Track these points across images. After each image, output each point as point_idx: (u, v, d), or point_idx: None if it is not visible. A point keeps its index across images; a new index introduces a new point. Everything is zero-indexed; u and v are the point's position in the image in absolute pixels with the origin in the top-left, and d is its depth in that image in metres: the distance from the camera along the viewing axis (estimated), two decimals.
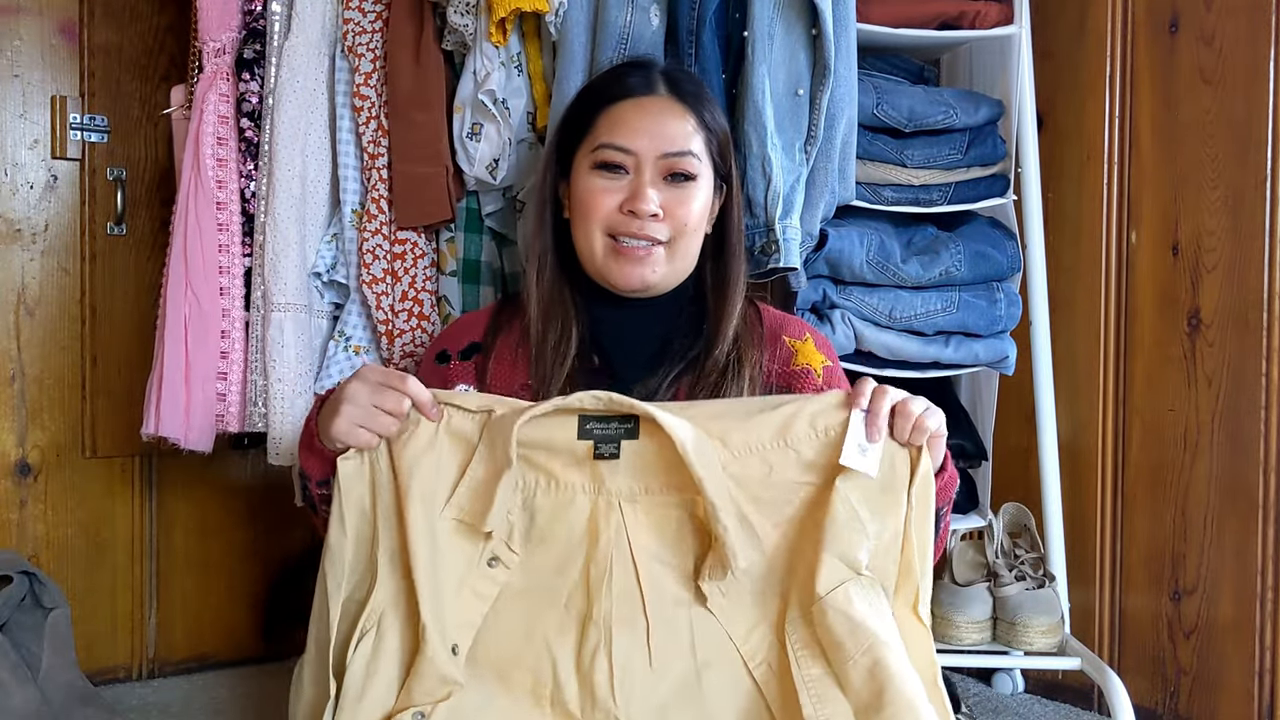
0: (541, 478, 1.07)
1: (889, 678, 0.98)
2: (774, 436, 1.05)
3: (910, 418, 1.04)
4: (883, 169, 1.63)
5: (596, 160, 1.23)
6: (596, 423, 1.06)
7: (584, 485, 1.07)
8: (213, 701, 1.84)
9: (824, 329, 1.57)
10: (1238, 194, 1.66)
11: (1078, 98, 1.88)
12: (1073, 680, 1.85)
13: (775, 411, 1.06)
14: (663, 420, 1.02)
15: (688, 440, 1.02)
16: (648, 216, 1.21)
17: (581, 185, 1.24)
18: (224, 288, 1.56)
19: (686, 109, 1.24)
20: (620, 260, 1.23)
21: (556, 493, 1.07)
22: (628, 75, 1.27)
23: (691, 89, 1.27)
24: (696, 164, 1.23)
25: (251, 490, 2.02)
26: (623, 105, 1.24)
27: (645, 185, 1.21)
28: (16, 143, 1.81)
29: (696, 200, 1.24)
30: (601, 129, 1.24)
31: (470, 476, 1.05)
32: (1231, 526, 1.66)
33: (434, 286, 1.57)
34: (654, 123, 1.22)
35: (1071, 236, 1.89)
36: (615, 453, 1.06)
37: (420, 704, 1.01)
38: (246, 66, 1.58)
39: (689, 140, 1.23)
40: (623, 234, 1.22)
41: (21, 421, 1.82)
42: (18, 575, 1.64)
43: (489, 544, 1.06)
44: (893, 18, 1.67)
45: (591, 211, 1.23)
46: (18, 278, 1.82)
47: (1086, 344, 1.86)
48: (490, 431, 1.06)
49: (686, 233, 1.24)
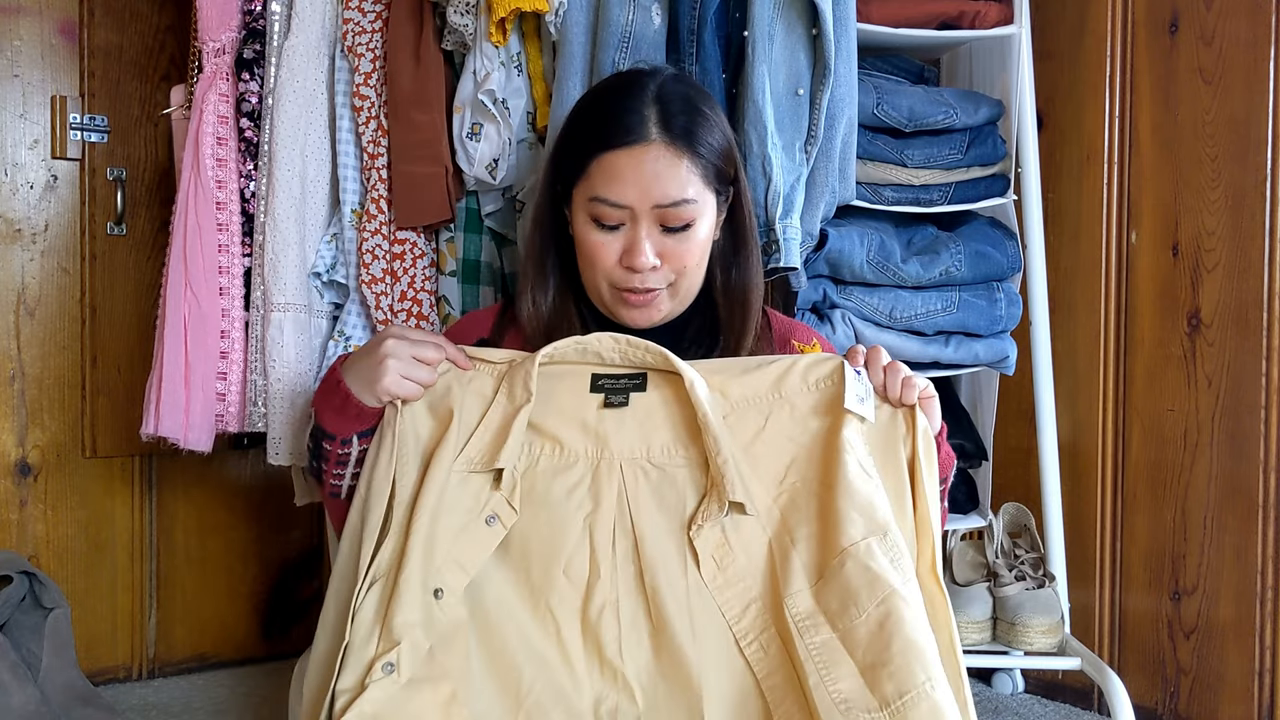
0: (548, 444, 1.10)
1: (899, 628, 0.96)
2: (770, 389, 1.10)
3: (899, 373, 1.10)
4: (883, 169, 1.63)
5: (592, 213, 1.21)
6: (608, 379, 1.12)
7: (586, 449, 1.09)
8: (213, 701, 1.84)
9: (824, 329, 1.57)
10: (1238, 194, 1.66)
11: (1078, 98, 1.88)
12: (1073, 680, 1.85)
13: (770, 367, 1.12)
14: (675, 362, 1.08)
15: (696, 380, 1.07)
16: (646, 270, 1.20)
17: (581, 231, 1.23)
18: (224, 288, 1.56)
19: (680, 150, 1.19)
20: (626, 306, 1.24)
21: (560, 457, 1.09)
22: (622, 113, 1.20)
23: (685, 120, 1.20)
24: (693, 209, 1.20)
25: (251, 490, 2.03)
26: (616, 156, 1.19)
27: (641, 240, 1.19)
28: (16, 143, 1.81)
29: (696, 241, 1.22)
30: (596, 179, 1.20)
31: (485, 425, 1.09)
32: (1231, 526, 1.67)
33: (433, 286, 1.57)
34: (647, 176, 1.18)
35: (1071, 236, 1.89)
36: (625, 401, 1.11)
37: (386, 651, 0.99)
38: (246, 66, 1.58)
39: (684, 189, 1.19)
40: (624, 287, 1.22)
41: (21, 421, 1.82)
42: (18, 575, 1.64)
43: (491, 498, 1.07)
44: (893, 18, 1.67)
45: (593, 264, 1.23)
46: (18, 278, 1.82)
47: (1086, 344, 1.86)
48: (511, 374, 1.11)
49: (687, 272, 1.23)
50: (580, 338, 1.11)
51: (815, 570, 1.03)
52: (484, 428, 1.09)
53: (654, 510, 1.07)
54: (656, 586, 1.04)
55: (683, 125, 1.20)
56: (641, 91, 1.22)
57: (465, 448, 1.08)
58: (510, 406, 1.09)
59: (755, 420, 1.09)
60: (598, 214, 1.21)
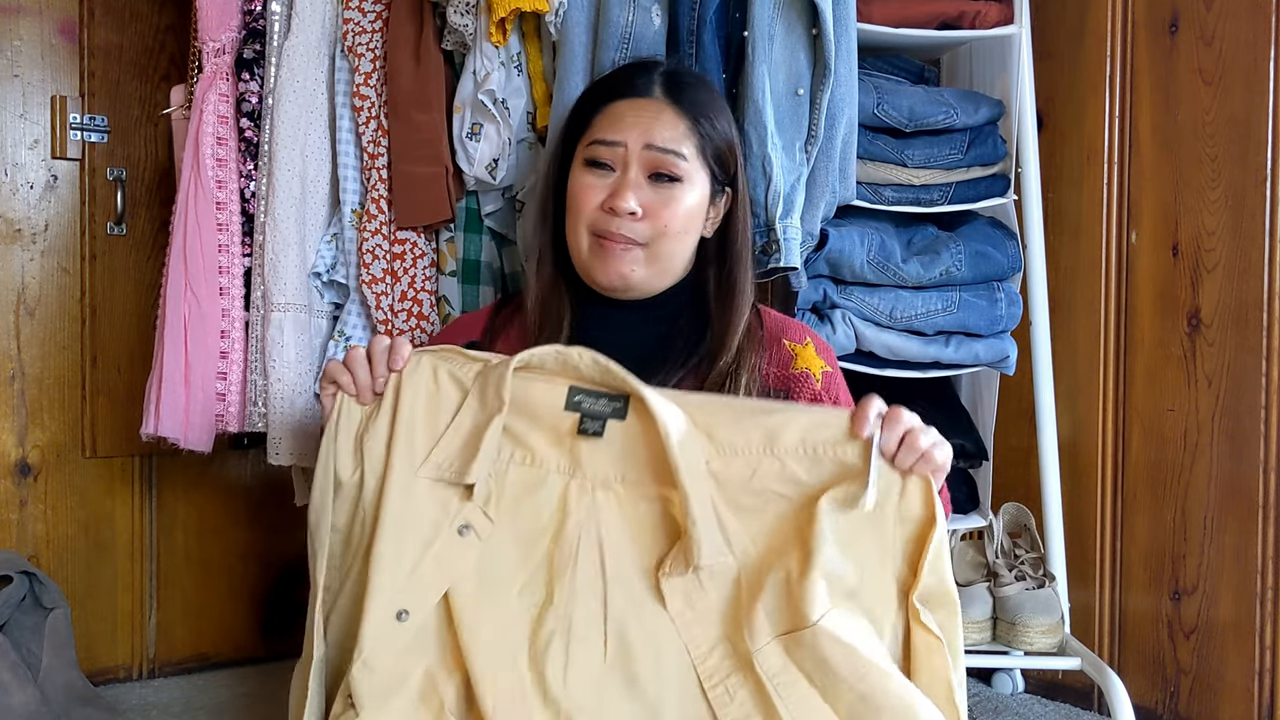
0: (518, 451, 1.04)
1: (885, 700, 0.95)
2: (762, 442, 1.02)
3: (916, 452, 1.01)
4: (883, 169, 1.63)
5: (587, 156, 1.25)
6: (586, 395, 1.04)
7: (559, 465, 1.03)
8: (213, 701, 1.84)
9: (824, 329, 1.57)
10: (1238, 194, 1.66)
11: (1078, 98, 1.88)
12: (1073, 680, 1.85)
13: (767, 416, 1.03)
14: (652, 403, 0.99)
15: (674, 428, 0.99)
16: (625, 214, 1.21)
17: (572, 181, 1.26)
18: (224, 288, 1.56)
19: (681, 113, 1.25)
20: (601, 256, 1.24)
21: (530, 468, 1.03)
22: (630, 75, 1.29)
23: (690, 94, 1.26)
24: (683, 165, 1.23)
25: (251, 490, 2.02)
26: (619, 104, 1.25)
27: (627, 185, 1.22)
28: (16, 143, 1.81)
29: (681, 203, 1.23)
30: (596, 125, 1.25)
31: (455, 428, 1.02)
32: (1231, 526, 1.67)
33: (433, 286, 1.57)
34: (645, 119, 1.23)
35: (1071, 236, 1.89)
36: (600, 431, 1.03)
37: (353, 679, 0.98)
38: (246, 66, 1.58)
39: (678, 142, 1.23)
40: (602, 231, 1.23)
41: (21, 421, 1.82)
42: (18, 575, 1.64)
43: (464, 508, 1.02)
44: (893, 18, 1.67)
45: (578, 208, 1.25)
46: (18, 278, 1.81)
47: (1086, 344, 1.86)
48: (483, 378, 1.04)
49: (668, 235, 1.23)
50: (562, 348, 1.03)
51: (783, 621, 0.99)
52: (453, 432, 1.03)
53: (625, 540, 1.02)
54: (622, 620, 1.00)
55: (689, 96, 1.26)
56: (654, 65, 1.30)
57: (433, 453, 1.03)
58: (482, 413, 1.02)
59: (741, 470, 1.02)
60: (592, 155, 1.24)
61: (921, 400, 1.71)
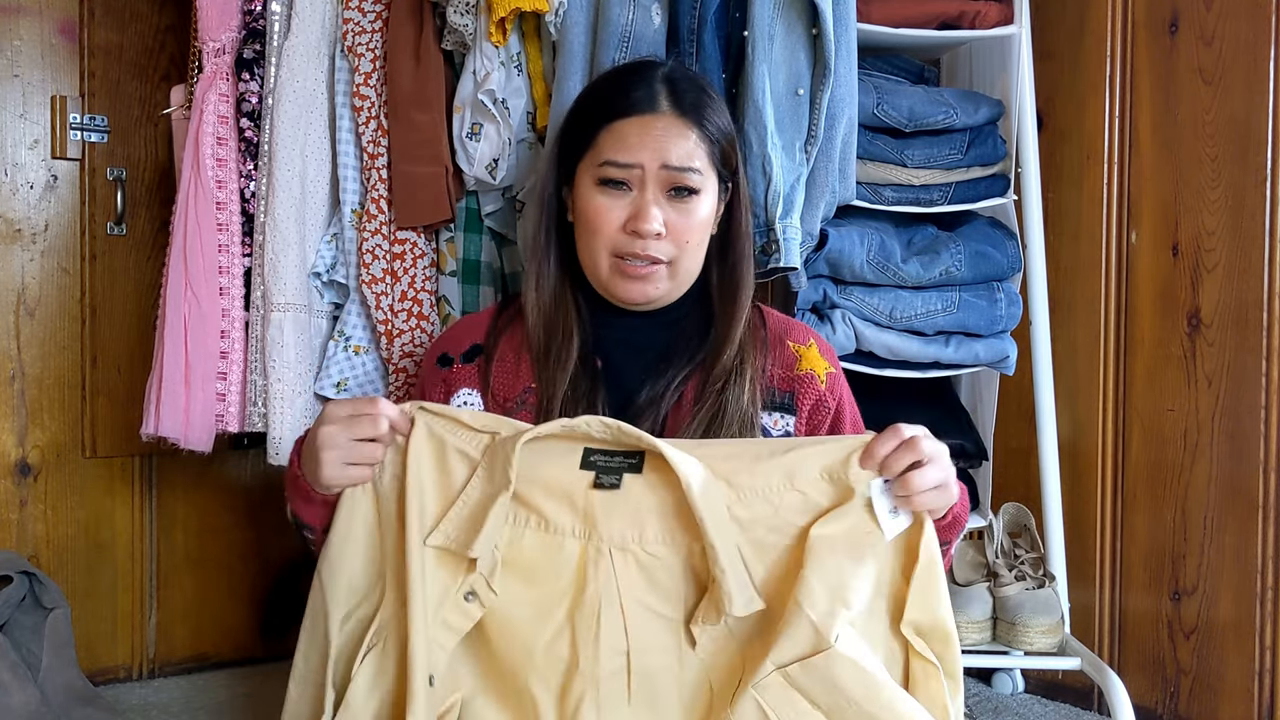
0: (533, 516, 1.05)
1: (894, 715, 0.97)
2: (782, 481, 1.03)
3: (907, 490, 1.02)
4: (883, 169, 1.63)
5: (600, 176, 1.22)
6: (601, 455, 1.05)
7: (574, 529, 1.04)
8: (213, 701, 1.84)
9: (824, 329, 1.57)
10: (1238, 194, 1.66)
11: (1078, 98, 1.88)
12: (1073, 680, 1.85)
13: (784, 455, 1.04)
14: (671, 457, 1.00)
15: (694, 479, 1.00)
16: (651, 236, 1.20)
17: (585, 200, 1.24)
18: (224, 288, 1.56)
19: (689, 123, 1.23)
20: (624, 279, 1.23)
21: (546, 534, 1.05)
22: (631, 88, 1.24)
23: (693, 97, 1.25)
24: (699, 179, 1.22)
25: (251, 490, 2.02)
26: (626, 123, 1.22)
27: (649, 204, 1.20)
28: (16, 143, 1.81)
29: (699, 215, 1.23)
30: (605, 145, 1.22)
31: (464, 500, 1.04)
32: (1231, 526, 1.66)
33: (433, 286, 1.57)
34: (657, 139, 1.21)
35: (1071, 236, 1.89)
36: (616, 484, 1.04)
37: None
38: (246, 66, 1.58)
39: (692, 156, 1.22)
40: (627, 254, 1.22)
41: (21, 421, 1.82)
42: (18, 575, 1.64)
43: (469, 576, 1.03)
44: (893, 18, 1.67)
45: (596, 230, 1.22)
46: (18, 278, 1.82)
47: (1086, 344, 1.86)
48: (492, 453, 1.04)
49: (689, 249, 1.23)
50: (568, 420, 1.03)
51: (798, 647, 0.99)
52: (462, 503, 1.04)
53: (647, 595, 1.03)
54: (650, 671, 1.01)
55: (692, 102, 1.24)
56: (651, 71, 1.26)
57: (442, 523, 1.03)
58: (490, 489, 1.03)
59: (764, 510, 1.02)
60: (605, 175, 1.22)
61: (921, 400, 1.71)
